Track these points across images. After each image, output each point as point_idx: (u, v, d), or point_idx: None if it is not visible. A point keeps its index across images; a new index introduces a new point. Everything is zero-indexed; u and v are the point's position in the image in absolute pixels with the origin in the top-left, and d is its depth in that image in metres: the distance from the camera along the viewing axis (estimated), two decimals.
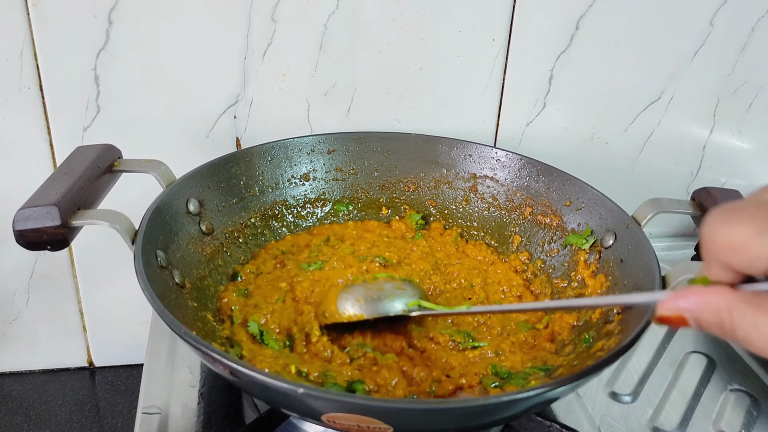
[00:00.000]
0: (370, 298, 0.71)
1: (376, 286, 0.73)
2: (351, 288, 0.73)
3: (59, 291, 0.95)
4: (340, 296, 0.71)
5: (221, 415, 0.70)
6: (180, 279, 0.68)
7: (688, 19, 0.93)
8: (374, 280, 0.75)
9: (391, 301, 0.71)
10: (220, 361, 0.51)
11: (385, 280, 0.75)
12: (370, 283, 0.74)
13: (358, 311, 0.70)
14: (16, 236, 0.60)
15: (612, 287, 0.71)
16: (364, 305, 0.70)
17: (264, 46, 0.85)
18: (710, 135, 1.02)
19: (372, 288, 0.72)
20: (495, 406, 0.52)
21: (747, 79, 0.98)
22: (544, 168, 0.83)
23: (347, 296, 0.71)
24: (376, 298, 0.71)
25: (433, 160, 0.89)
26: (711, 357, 0.82)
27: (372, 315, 0.69)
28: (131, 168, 0.72)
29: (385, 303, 0.70)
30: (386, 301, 0.71)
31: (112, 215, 0.63)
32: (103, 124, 0.85)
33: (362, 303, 0.70)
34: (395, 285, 0.74)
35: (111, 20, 0.80)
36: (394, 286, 0.73)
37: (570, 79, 0.94)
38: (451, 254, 0.84)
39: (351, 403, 0.50)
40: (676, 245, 1.05)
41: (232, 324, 0.69)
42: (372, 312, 0.70)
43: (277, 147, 0.84)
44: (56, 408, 0.93)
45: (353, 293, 0.72)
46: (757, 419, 0.74)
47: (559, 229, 0.80)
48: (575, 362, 0.64)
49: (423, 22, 0.87)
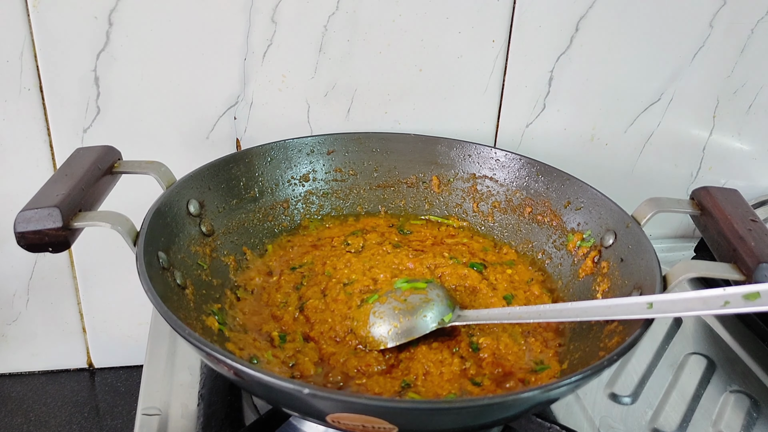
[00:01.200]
0: (404, 318, 0.68)
1: (404, 303, 0.70)
2: (380, 310, 0.70)
3: (59, 292, 0.94)
4: (372, 323, 0.69)
5: (221, 417, 0.69)
6: (181, 280, 0.68)
7: (687, 21, 0.93)
8: (397, 292, 0.72)
9: (424, 317, 0.68)
10: (224, 362, 0.51)
11: (410, 291, 0.72)
12: (396, 300, 0.70)
13: (398, 337, 0.68)
14: (17, 238, 0.60)
15: (612, 287, 0.71)
16: (401, 328, 0.68)
17: (264, 47, 0.85)
18: (710, 136, 1.03)
19: (401, 306, 0.69)
20: (495, 406, 0.52)
21: (747, 80, 0.98)
22: (543, 168, 0.83)
23: (380, 321, 0.69)
24: (410, 318, 0.68)
25: (433, 161, 0.89)
26: (711, 358, 0.82)
27: (412, 337, 0.68)
28: (131, 169, 0.72)
29: (419, 320, 0.68)
30: (420, 317, 0.68)
31: (114, 217, 0.63)
32: (103, 125, 0.85)
33: (398, 326, 0.68)
34: (421, 297, 0.71)
35: (111, 21, 0.80)
36: (421, 298, 0.70)
37: (570, 81, 0.94)
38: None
39: (356, 403, 0.50)
40: (676, 246, 1.06)
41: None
42: (411, 334, 0.68)
43: (276, 148, 0.84)
44: (56, 409, 0.93)
45: (385, 317, 0.69)
46: (757, 420, 0.74)
47: (559, 229, 0.81)
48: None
49: (423, 23, 0.88)
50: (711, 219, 0.70)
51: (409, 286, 0.73)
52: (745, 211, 0.69)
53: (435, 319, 0.68)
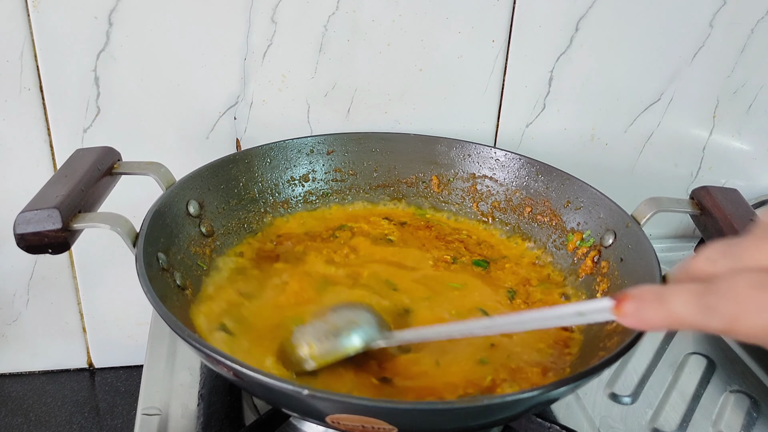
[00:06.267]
0: (326, 337, 0.62)
1: (327, 323, 0.64)
2: (302, 330, 0.64)
3: (59, 292, 0.94)
4: (295, 342, 0.63)
5: (221, 417, 0.70)
6: (181, 281, 0.68)
7: (687, 21, 0.93)
8: (322, 314, 0.65)
9: (348, 336, 0.62)
10: (224, 363, 0.51)
11: (335, 310, 0.66)
12: (320, 321, 0.64)
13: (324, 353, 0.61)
14: (17, 239, 0.60)
15: (612, 287, 0.71)
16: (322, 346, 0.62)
17: (264, 47, 0.85)
18: (710, 136, 1.03)
19: (322, 325, 0.64)
20: (495, 406, 0.52)
21: (747, 80, 0.98)
22: (543, 168, 0.83)
23: (302, 340, 0.62)
24: (333, 337, 0.62)
25: (432, 161, 0.89)
26: (711, 358, 0.82)
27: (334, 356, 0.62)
28: (131, 170, 0.72)
29: (341, 340, 0.62)
30: (343, 337, 0.62)
31: (113, 218, 0.63)
32: (103, 125, 0.85)
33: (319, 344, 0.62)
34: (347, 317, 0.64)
35: (111, 21, 0.80)
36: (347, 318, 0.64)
37: (570, 81, 0.94)
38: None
39: (356, 404, 0.50)
40: (676, 246, 1.05)
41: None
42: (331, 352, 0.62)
43: (276, 148, 0.84)
44: (56, 409, 0.93)
45: (306, 336, 0.63)
46: (757, 420, 0.74)
47: (559, 229, 0.81)
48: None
49: (423, 23, 0.88)
50: (711, 219, 0.70)
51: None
52: (745, 211, 0.69)
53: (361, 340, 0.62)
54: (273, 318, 0.69)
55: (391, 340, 0.62)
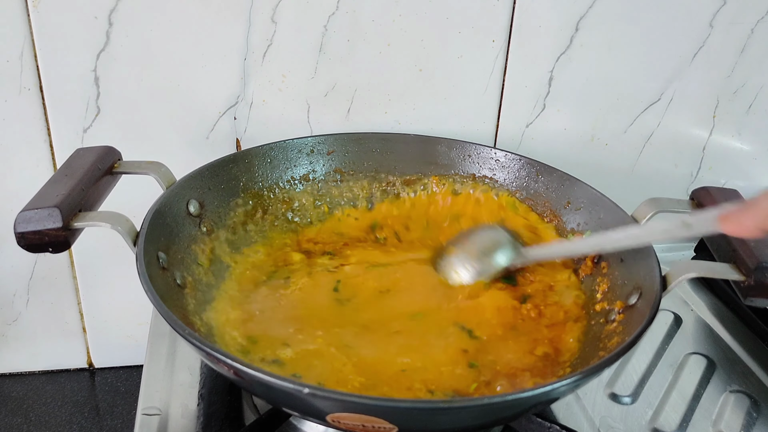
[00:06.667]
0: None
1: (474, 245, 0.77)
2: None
3: (59, 292, 0.94)
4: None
5: (221, 416, 0.70)
6: (181, 280, 0.68)
7: (687, 21, 0.93)
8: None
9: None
10: (224, 362, 0.51)
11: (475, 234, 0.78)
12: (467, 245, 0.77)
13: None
14: (17, 238, 0.60)
15: (612, 287, 0.71)
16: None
17: (264, 47, 0.85)
18: (710, 136, 1.03)
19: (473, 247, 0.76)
20: (495, 406, 0.52)
21: (747, 80, 0.98)
22: (543, 168, 0.83)
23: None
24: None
25: (433, 161, 0.89)
26: (711, 358, 0.82)
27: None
28: (131, 170, 0.72)
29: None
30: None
31: (114, 217, 0.63)
32: (103, 125, 0.85)
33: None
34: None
35: (111, 21, 0.80)
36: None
37: (570, 81, 0.94)
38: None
39: (357, 403, 0.50)
40: (676, 246, 1.05)
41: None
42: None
43: (276, 148, 0.84)
44: (56, 409, 0.93)
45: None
46: (757, 420, 0.74)
47: (559, 229, 0.81)
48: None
49: (423, 23, 0.88)
50: None
51: None
52: None
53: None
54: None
55: (526, 259, 0.75)
